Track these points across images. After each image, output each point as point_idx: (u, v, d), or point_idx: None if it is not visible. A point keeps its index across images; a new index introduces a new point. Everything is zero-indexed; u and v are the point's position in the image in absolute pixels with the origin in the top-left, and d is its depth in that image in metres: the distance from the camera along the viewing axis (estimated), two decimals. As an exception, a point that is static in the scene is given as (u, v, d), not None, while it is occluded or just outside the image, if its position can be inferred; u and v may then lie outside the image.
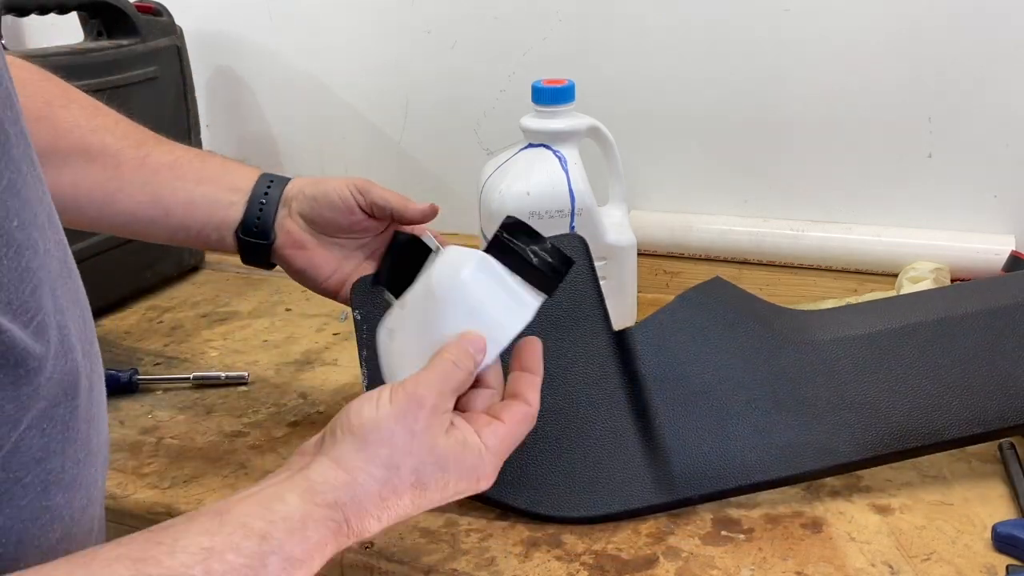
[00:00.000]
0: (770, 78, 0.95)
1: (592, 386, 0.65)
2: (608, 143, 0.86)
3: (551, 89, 0.83)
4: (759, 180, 0.99)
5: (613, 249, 0.85)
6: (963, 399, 0.61)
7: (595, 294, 0.68)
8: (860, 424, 0.62)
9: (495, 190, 0.83)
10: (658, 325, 0.67)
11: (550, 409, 0.62)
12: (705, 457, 0.62)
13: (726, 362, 0.66)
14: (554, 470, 0.62)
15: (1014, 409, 0.61)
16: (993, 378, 0.62)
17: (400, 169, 1.15)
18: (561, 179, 0.82)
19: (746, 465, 0.61)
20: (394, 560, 0.58)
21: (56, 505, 0.39)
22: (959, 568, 0.55)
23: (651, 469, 0.62)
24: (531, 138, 0.84)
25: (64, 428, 0.39)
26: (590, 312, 0.67)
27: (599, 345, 0.67)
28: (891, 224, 0.94)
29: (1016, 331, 0.63)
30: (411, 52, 1.10)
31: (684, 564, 0.57)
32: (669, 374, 0.65)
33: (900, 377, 0.63)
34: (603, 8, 1.00)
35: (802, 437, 0.62)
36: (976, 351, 0.63)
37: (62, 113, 0.64)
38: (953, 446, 0.62)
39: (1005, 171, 0.89)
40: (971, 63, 0.87)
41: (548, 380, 0.57)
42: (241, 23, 1.20)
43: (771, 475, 0.61)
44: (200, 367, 0.87)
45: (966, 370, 0.62)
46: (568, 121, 0.84)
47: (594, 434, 0.64)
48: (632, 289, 0.89)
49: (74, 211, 0.64)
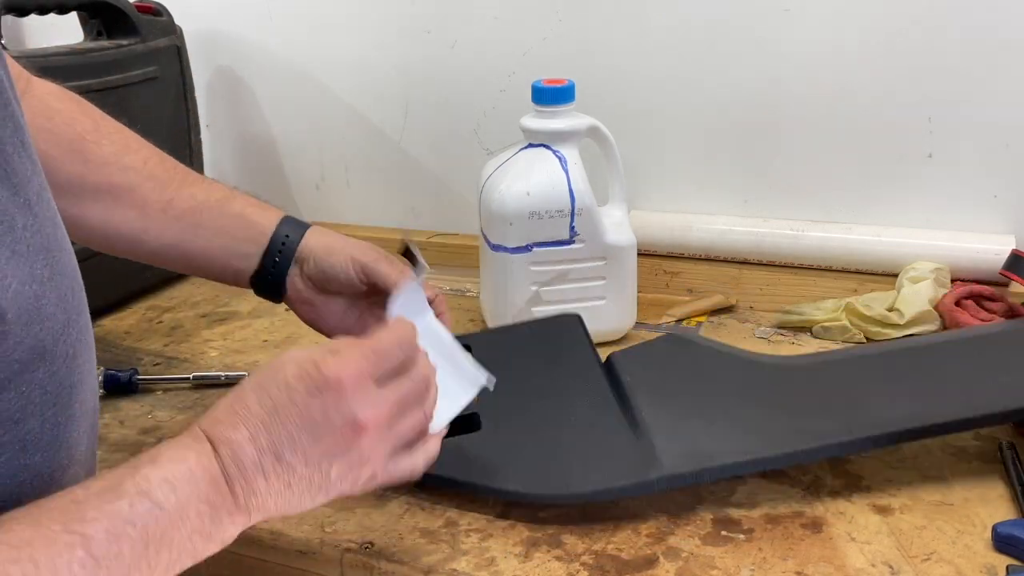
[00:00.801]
0: (770, 78, 0.95)
1: (578, 381, 0.71)
2: (608, 143, 0.86)
3: (551, 89, 0.83)
4: (759, 180, 0.99)
5: (613, 249, 0.85)
6: (949, 394, 0.64)
7: (595, 364, 0.72)
8: (844, 413, 0.64)
9: (495, 190, 0.83)
10: (641, 348, 0.73)
11: (538, 404, 0.68)
12: (688, 439, 0.63)
13: (709, 372, 0.71)
14: (541, 454, 0.64)
15: (1002, 399, 0.62)
16: (979, 377, 0.66)
17: (400, 169, 1.15)
18: (561, 179, 0.82)
19: (730, 447, 0.62)
20: (394, 560, 0.58)
21: (35, 464, 0.41)
22: (959, 568, 0.55)
23: (635, 449, 0.63)
24: (531, 138, 0.84)
25: (42, 392, 0.41)
26: (592, 380, 0.71)
27: (593, 378, 0.72)
28: (891, 224, 0.94)
29: (998, 346, 0.69)
30: (411, 52, 1.10)
31: (684, 564, 0.57)
32: (652, 379, 0.70)
33: (887, 379, 0.67)
34: (603, 8, 1.00)
35: (787, 424, 0.64)
36: (962, 361, 0.68)
37: (93, 148, 0.67)
38: (941, 432, 0.63)
39: (1005, 171, 0.89)
40: (971, 63, 0.87)
41: (538, 388, 0.66)
42: (241, 23, 1.19)
43: (755, 455, 0.61)
44: (200, 367, 0.87)
45: (954, 373, 0.67)
46: (568, 121, 0.84)
47: (579, 420, 0.67)
48: (632, 290, 0.89)
49: (104, 244, 0.68)
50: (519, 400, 0.69)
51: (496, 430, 0.66)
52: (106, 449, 0.73)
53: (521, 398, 0.70)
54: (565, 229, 0.83)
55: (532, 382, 0.71)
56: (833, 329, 0.88)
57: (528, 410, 0.69)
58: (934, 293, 0.85)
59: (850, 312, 0.88)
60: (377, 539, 0.60)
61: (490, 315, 0.90)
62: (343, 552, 0.60)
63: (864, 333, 0.87)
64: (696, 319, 0.95)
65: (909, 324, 0.84)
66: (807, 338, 0.90)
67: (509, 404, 0.68)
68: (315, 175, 1.24)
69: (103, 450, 0.73)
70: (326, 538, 0.61)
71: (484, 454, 0.65)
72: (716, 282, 0.99)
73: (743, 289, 0.98)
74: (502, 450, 0.65)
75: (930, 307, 0.84)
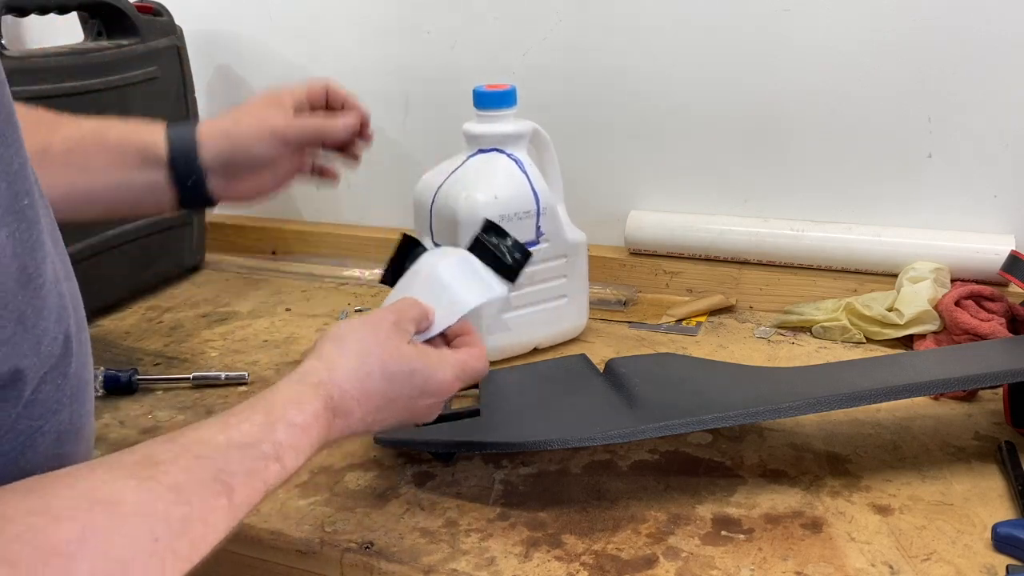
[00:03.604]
0: (770, 78, 0.95)
1: (577, 381, 0.75)
2: (547, 145, 0.87)
3: (497, 93, 0.83)
4: (759, 180, 0.99)
5: (572, 246, 0.87)
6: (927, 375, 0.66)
7: (596, 373, 0.75)
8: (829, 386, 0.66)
9: (457, 198, 0.82)
10: (635, 358, 0.76)
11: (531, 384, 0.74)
12: (674, 399, 0.66)
13: (699, 370, 0.73)
14: (537, 414, 0.69)
15: (982, 372, 0.64)
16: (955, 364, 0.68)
17: (400, 169, 1.15)
18: (523, 181, 0.83)
19: (714, 405, 0.63)
20: (394, 560, 0.58)
21: (66, 454, 0.43)
22: (959, 568, 0.55)
23: (622, 406, 0.66)
24: (479, 143, 0.84)
25: (70, 385, 0.43)
26: (592, 380, 0.74)
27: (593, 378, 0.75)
28: (891, 224, 0.94)
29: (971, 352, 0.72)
30: (411, 52, 1.10)
31: (684, 564, 0.57)
32: (644, 372, 0.72)
33: (869, 367, 0.70)
34: (603, 8, 1.00)
35: (772, 389, 0.68)
36: (940, 360, 0.71)
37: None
38: (916, 393, 0.65)
39: (1005, 171, 0.89)
40: (971, 63, 0.87)
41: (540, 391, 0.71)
42: (241, 23, 1.20)
43: (750, 408, 0.62)
44: (200, 367, 0.87)
45: (933, 366, 0.69)
46: (515, 124, 0.84)
47: (573, 390, 0.72)
48: (586, 286, 0.91)
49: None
50: (520, 400, 0.71)
51: (492, 414, 0.70)
52: (106, 449, 0.73)
53: (521, 399, 0.71)
54: (532, 230, 0.83)
55: (537, 392, 0.74)
56: (833, 329, 0.88)
57: (525, 400, 0.72)
58: (934, 293, 0.85)
59: (850, 312, 0.88)
60: (377, 539, 0.60)
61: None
62: (343, 552, 0.60)
63: (864, 333, 0.87)
64: (696, 319, 0.95)
65: (909, 324, 0.84)
66: (807, 338, 0.90)
67: (509, 404, 0.71)
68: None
69: (103, 450, 0.73)
70: (326, 538, 0.61)
71: (476, 425, 0.69)
72: (716, 282, 0.99)
73: (743, 289, 0.98)
74: (494, 420, 0.69)
75: (930, 307, 0.84)
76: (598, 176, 1.05)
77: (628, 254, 1.04)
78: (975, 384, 0.70)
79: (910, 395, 0.63)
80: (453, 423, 0.69)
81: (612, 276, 1.04)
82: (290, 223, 1.26)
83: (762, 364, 0.83)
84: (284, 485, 0.48)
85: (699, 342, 0.90)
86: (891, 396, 0.63)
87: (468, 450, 0.69)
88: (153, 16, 1.06)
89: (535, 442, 0.63)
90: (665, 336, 0.92)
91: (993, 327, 0.79)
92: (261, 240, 1.24)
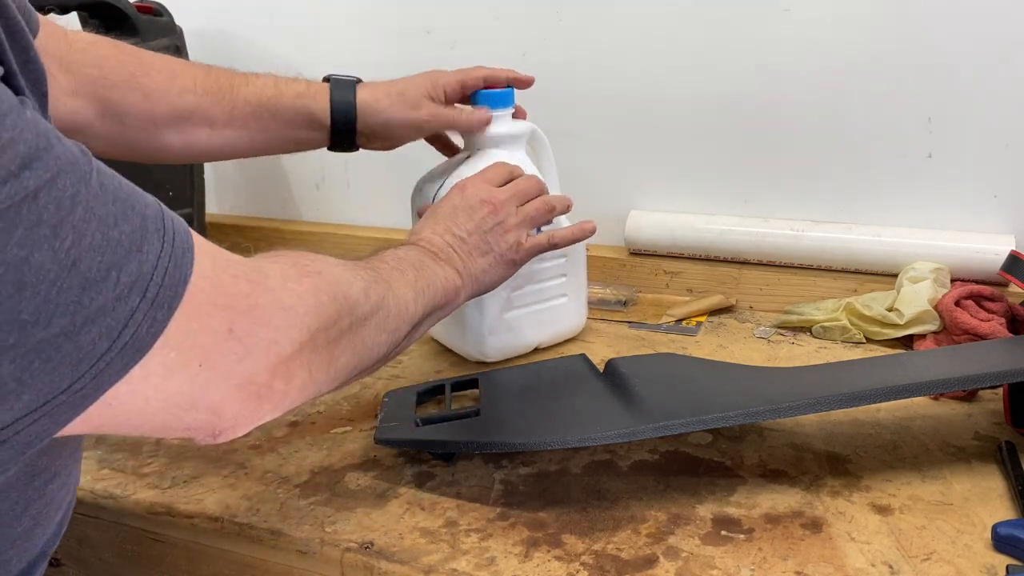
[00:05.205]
0: (770, 78, 0.95)
1: (578, 380, 0.75)
2: (544, 145, 0.87)
3: (499, 93, 0.83)
4: (759, 180, 0.99)
5: (571, 246, 0.86)
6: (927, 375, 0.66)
7: (597, 374, 0.75)
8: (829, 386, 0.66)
9: None
10: (635, 358, 0.76)
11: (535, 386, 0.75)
12: (674, 399, 0.66)
13: (699, 370, 0.74)
14: (537, 414, 0.70)
15: (982, 372, 0.64)
16: (955, 364, 0.68)
17: (400, 169, 1.15)
18: None
19: (714, 405, 0.63)
20: (394, 560, 0.58)
21: (64, 443, 0.46)
22: (959, 568, 0.55)
23: (622, 406, 0.66)
24: (481, 144, 0.84)
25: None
26: (591, 379, 0.74)
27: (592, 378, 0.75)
28: (891, 224, 0.94)
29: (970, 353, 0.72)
30: (411, 52, 1.10)
31: (684, 564, 0.57)
32: (644, 372, 0.72)
33: (869, 367, 0.69)
34: (603, 8, 1.00)
35: (772, 389, 0.68)
36: (940, 360, 0.71)
37: (146, 82, 0.73)
38: (916, 393, 0.64)
39: (1005, 171, 0.89)
40: (971, 63, 0.87)
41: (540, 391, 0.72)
42: (241, 23, 1.20)
43: (750, 407, 0.61)
44: (200, 367, 0.87)
45: (933, 366, 0.69)
46: (514, 125, 0.84)
47: (573, 390, 0.73)
48: (585, 284, 0.91)
49: (191, 161, 0.81)
50: (519, 400, 0.72)
51: (492, 414, 0.70)
52: (106, 449, 0.73)
53: (521, 399, 0.72)
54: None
55: (537, 392, 0.74)
56: (833, 329, 0.88)
57: (525, 400, 0.72)
58: (934, 293, 0.85)
59: (850, 312, 0.88)
60: (377, 539, 0.60)
61: (461, 327, 0.86)
62: (343, 552, 0.60)
63: (864, 333, 0.87)
64: (696, 319, 0.95)
65: (909, 324, 0.84)
66: (807, 338, 0.90)
67: (509, 404, 0.71)
68: (315, 175, 1.24)
69: (103, 450, 0.73)
70: (326, 538, 0.61)
71: (476, 425, 0.69)
72: (716, 282, 0.99)
73: (743, 289, 0.98)
74: (494, 420, 0.69)
75: (930, 307, 0.84)
76: (598, 176, 1.05)
77: (628, 254, 1.04)
78: (975, 384, 0.70)
79: (910, 395, 0.63)
80: (453, 423, 0.69)
81: (612, 276, 1.04)
82: (290, 223, 1.26)
83: (762, 364, 0.83)
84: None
85: (699, 342, 0.90)
86: (891, 396, 0.63)
87: (468, 450, 0.69)
88: (153, 16, 1.06)
89: (535, 442, 0.63)
90: (665, 336, 0.92)
91: (993, 327, 0.79)
92: (261, 240, 1.25)
